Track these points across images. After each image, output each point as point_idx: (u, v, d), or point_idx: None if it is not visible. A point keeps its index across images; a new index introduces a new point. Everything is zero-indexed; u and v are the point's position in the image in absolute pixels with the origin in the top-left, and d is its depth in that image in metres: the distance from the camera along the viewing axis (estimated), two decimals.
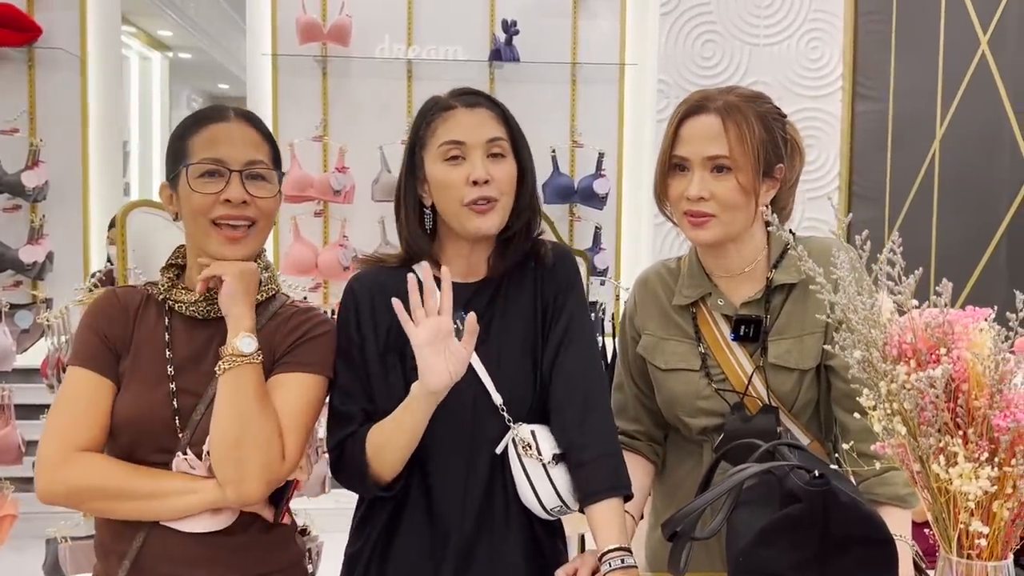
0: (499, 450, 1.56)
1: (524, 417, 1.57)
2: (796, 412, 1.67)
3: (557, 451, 1.55)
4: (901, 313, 1.05)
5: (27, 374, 4.09)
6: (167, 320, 1.57)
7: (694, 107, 1.65)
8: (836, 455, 1.72)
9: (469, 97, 1.59)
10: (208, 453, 1.48)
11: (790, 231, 1.69)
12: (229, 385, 1.46)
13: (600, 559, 1.48)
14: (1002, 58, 3.16)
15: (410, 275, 1.46)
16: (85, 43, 4.56)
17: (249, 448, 1.45)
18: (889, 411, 1.00)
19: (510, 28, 4.56)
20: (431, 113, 1.58)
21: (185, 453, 1.49)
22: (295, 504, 3.01)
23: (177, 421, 1.51)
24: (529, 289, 1.63)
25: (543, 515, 1.57)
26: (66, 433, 1.48)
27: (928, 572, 1.54)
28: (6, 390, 3.44)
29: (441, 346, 1.43)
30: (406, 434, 1.50)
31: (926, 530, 1.10)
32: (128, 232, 1.97)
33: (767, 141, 1.63)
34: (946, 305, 0.98)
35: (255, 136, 1.57)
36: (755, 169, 1.60)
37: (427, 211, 1.61)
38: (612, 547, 1.48)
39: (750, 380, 1.66)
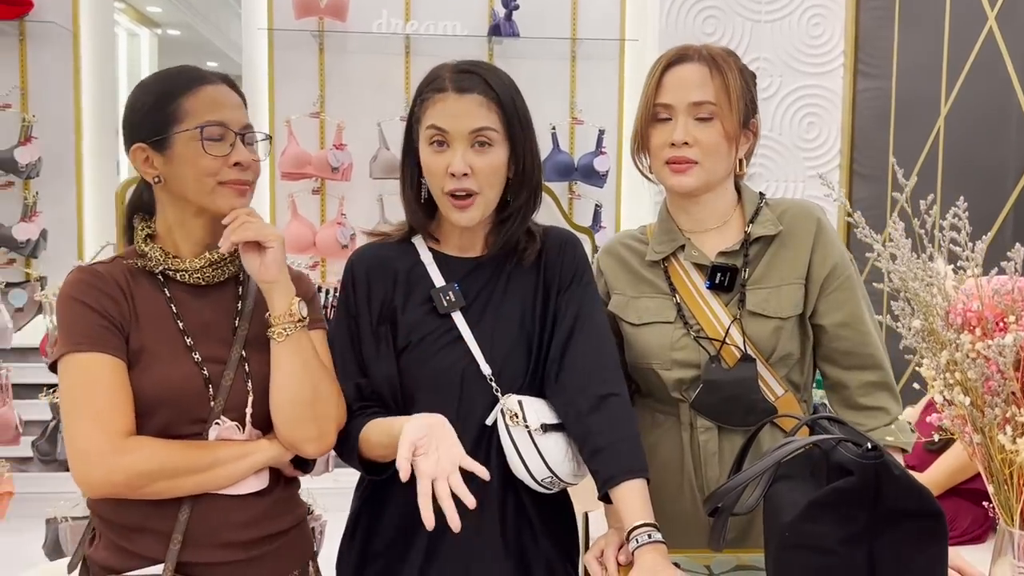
0: (489, 421, 1.56)
1: (515, 394, 1.57)
2: (773, 363, 1.69)
3: (547, 421, 1.54)
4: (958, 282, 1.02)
5: (22, 353, 4.04)
6: (167, 291, 1.54)
7: (677, 57, 1.69)
8: (824, 407, 1.81)
9: (464, 78, 1.56)
10: (251, 416, 1.51)
11: (760, 193, 1.77)
12: (293, 349, 1.50)
13: (627, 536, 1.46)
14: (1010, 33, 3.13)
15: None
16: (77, 17, 4.49)
17: (328, 404, 1.52)
18: (951, 381, 0.98)
19: (509, 3, 4.51)
20: (427, 90, 1.57)
21: (220, 421, 1.49)
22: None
23: (211, 390, 1.50)
24: (532, 272, 1.63)
25: (535, 486, 1.56)
26: (106, 421, 1.42)
27: None
28: (4, 369, 3.40)
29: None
30: (392, 449, 1.51)
31: (989, 502, 1.08)
32: None
33: (745, 93, 1.68)
34: (1017, 271, 0.96)
35: (239, 101, 1.56)
36: (738, 118, 1.65)
37: (424, 182, 1.61)
38: (639, 523, 1.46)
39: (728, 329, 1.67)
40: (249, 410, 1.51)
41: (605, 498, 1.52)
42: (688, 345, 1.69)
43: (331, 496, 2.76)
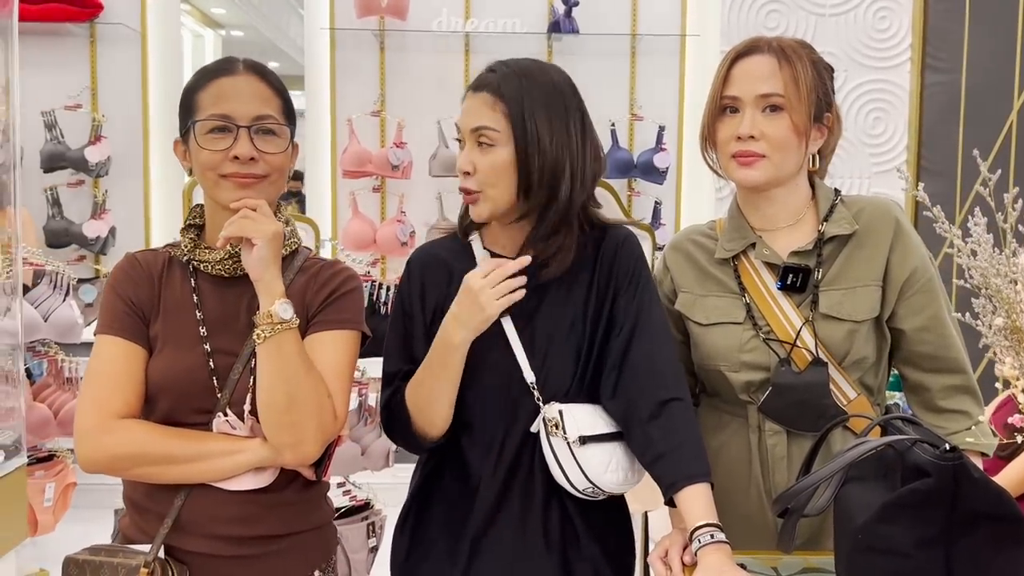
0: (533, 429, 1.56)
1: (561, 400, 1.56)
2: (847, 366, 1.64)
3: (587, 433, 1.53)
4: None
5: (91, 347, 4.13)
6: (193, 281, 1.56)
7: (746, 49, 1.64)
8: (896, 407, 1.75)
9: (484, 76, 1.57)
10: (249, 412, 1.49)
11: (836, 190, 1.71)
12: (272, 352, 1.45)
13: (690, 537, 1.45)
14: None
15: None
16: (145, 19, 4.58)
17: (302, 412, 1.46)
18: None
19: (569, 0, 4.50)
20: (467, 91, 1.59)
21: (225, 414, 1.50)
22: (360, 479, 3.03)
23: (216, 382, 1.51)
24: (586, 272, 1.60)
25: (577, 495, 1.55)
26: (102, 401, 1.47)
27: None
28: (73, 363, 3.48)
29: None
30: (446, 383, 1.53)
31: None
32: None
33: (818, 86, 1.62)
34: None
35: (264, 90, 1.54)
36: (808, 111, 1.60)
37: None
38: (701, 523, 1.44)
39: (799, 332, 1.62)
40: (247, 407, 1.50)
41: (671, 502, 1.50)
42: (757, 347, 1.65)
43: (391, 491, 2.77)
